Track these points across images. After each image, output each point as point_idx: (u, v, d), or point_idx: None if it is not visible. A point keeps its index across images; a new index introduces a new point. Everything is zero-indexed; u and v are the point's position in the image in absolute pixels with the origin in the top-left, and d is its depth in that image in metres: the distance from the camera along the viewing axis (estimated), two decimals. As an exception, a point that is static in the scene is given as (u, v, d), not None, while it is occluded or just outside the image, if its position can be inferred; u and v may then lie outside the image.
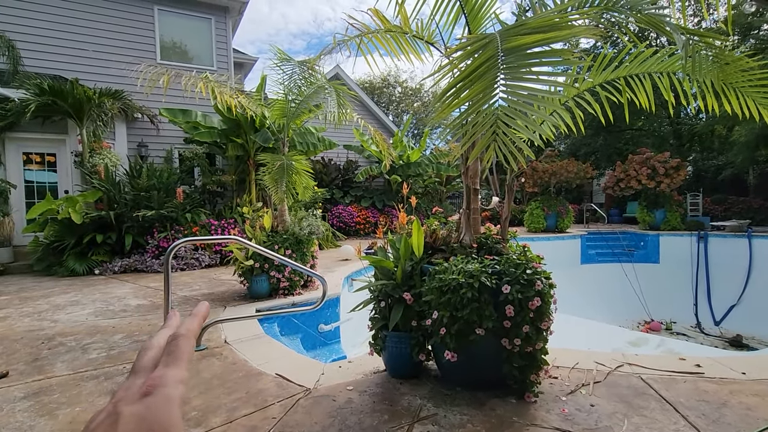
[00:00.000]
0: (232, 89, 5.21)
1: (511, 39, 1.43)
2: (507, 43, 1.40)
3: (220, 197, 9.80)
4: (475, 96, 1.45)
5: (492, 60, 1.40)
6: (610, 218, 14.81)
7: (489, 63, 1.40)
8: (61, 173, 8.91)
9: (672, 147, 15.23)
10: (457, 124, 1.53)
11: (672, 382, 2.52)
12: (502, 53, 1.38)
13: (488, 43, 1.45)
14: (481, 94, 1.43)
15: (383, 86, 32.24)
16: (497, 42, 1.41)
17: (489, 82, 1.40)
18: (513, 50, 1.41)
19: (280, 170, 4.83)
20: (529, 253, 2.48)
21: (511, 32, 1.47)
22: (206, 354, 3.12)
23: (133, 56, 9.56)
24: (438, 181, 14.51)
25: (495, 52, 1.39)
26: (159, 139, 10.09)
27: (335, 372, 2.78)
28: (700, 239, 10.50)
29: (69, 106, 7.84)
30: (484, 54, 1.42)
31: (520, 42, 1.41)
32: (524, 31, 1.44)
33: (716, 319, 9.77)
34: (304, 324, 4.56)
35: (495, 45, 1.41)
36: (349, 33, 3.21)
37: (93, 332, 3.70)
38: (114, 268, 7.02)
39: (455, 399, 2.32)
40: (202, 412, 2.22)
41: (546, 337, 2.32)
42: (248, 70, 14.20)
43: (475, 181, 2.67)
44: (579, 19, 1.92)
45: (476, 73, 1.43)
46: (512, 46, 1.40)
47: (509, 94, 1.42)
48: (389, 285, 2.62)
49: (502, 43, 1.40)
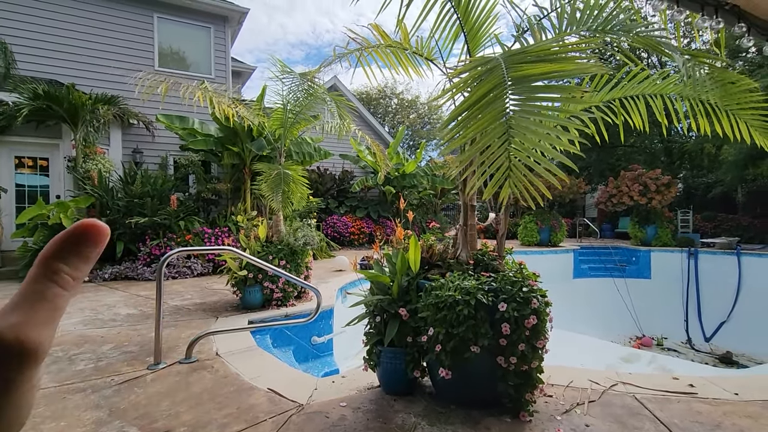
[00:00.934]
0: (230, 99, 5.22)
1: (516, 67, 1.44)
2: (513, 71, 1.42)
3: (214, 205, 9.74)
4: (483, 128, 1.45)
5: (499, 89, 1.41)
6: (602, 233, 14.94)
7: (496, 92, 1.41)
8: (53, 178, 8.81)
9: (663, 164, 15.47)
10: (466, 158, 1.53)
11: (666, 402, 2.52)
12: (509, 81, 1.40)
13: (493, 69, 1.46)
14: (490, 126, 1.43)
15: (380, 97, 32.51)
16: (503, 69, 1.42)
17: (497, 114, 1.41)
18: (520, 81, 1.42)
19: (277, 178, 4.82)
20: (525, 271, 2.49)
21: (516, 58, 1.49)
22: (197, 367, 3.07)
23: (131, 63, 9.56)
24: (433, 194, 14.57)
25: (501, 80, 1.40)
26: (154, 145, 10.05)
27: (328, 387, 2.75)
28: (690, 256, 10.62)
29: (64, 111, 7.79)
30: (490, 81, 1.43)
31: (527, 72, 1.42)
32: (529, 59, 1.46)
33: (706, 335, 9.83)
34: (296, 336, 4.51)
35: (501, 72, 1.42)
36: (349, 47, 3.24)
37: (81, 342, 3.63)
38: (104, 276, 6.92)
39: (449, 417, 2.30)
40: (192, 428, 2.17)
41: (541, 355, 2.31)
42: (246, 79, 14.26)
43: (472, 198, 2.69)
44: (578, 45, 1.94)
45: (484, 101, 1.44)
46: (519, 76, 1.41)
47: (519, 129, 1.42)
48: (385, 300, 2.60)
49: (508, 71, 1.41)
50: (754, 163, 12.00)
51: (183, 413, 2.34)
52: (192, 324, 4.20)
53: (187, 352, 3.23)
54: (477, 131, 1.46)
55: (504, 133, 1.40)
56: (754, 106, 2.29)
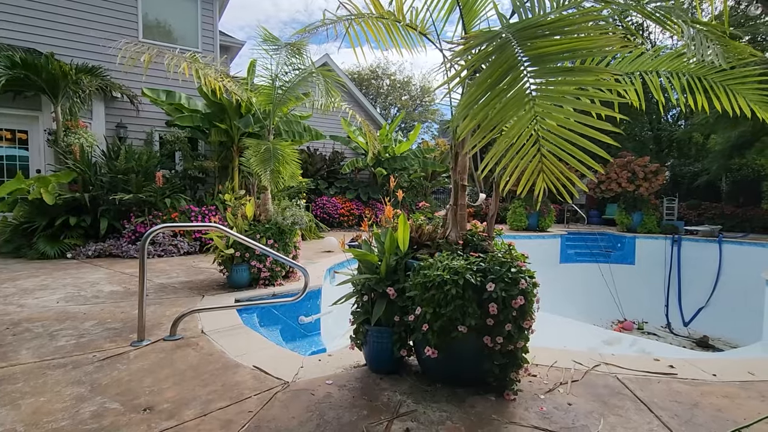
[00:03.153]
0: (218, 72, 5.05)
1: (531, 44, 1.33)
2: (528, 49, 1.32)
3: (201, 183, 9.56)
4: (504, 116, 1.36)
5: (515, 71, 1.31)
6: (589, 219, 15.12)
7: (513, 74, 1.31)
8: (33, 151, 8.53)
9: (652, 152, 15.60)
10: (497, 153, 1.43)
11: (647, 382, 2.57)
12: (526, 61, 1.30)
13: (503, 46, 1.36)
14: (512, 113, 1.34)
15: (372, 78, 32.00)
16: (514, 46, 1.33)
17: (518, 101, 1.31)
18: (538, 60, 1.31)
19: (266, 153, 4.70)
20: (514, 252, 2.48)
21: (527, 33, 1.39)
22: (181, 344, 3.03)
23: (113, 32, 9.19)
24: (424, 176, 14.52)
25: (515, 60, 1.31)
26: (139, 120, 9.75)
27: (315, 365, 2.74)
28: (674, 242, 10.82)
29: (43, 82, 7.49)
30: (502, 61, 1.33)
31: (545, 50, 1.32)
32: (541, 33, 1.38)
33: (685, 320, 10.12)
34: (284, 315, 4.49)
35: (513, 50, 1.32)
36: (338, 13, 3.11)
37: (62, 318, 3.56)
38: (87, 253, 6.78)
39: (435, 395, 2.32)
40: (176, 405, 2.15)
41: (528, 335, 2.33)
42: (235, 54, 13.84)
43: (463, 177, 2.65)
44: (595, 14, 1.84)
45: (499, 86, 1.35)
46: (536, 55, 1.31)
47: (548, 115, 1.33)
48: (373, 279, 2.58)
49: (522, 49, 1.32)
50: (739, 153, 12.18)
51: (166, 390, 2.31)
52: (177, 302, 4.15)
53: (172, 330, 3.19)
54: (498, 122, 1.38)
55: (531, 122, 1.32)
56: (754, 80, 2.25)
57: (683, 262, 10.66)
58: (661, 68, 2.46)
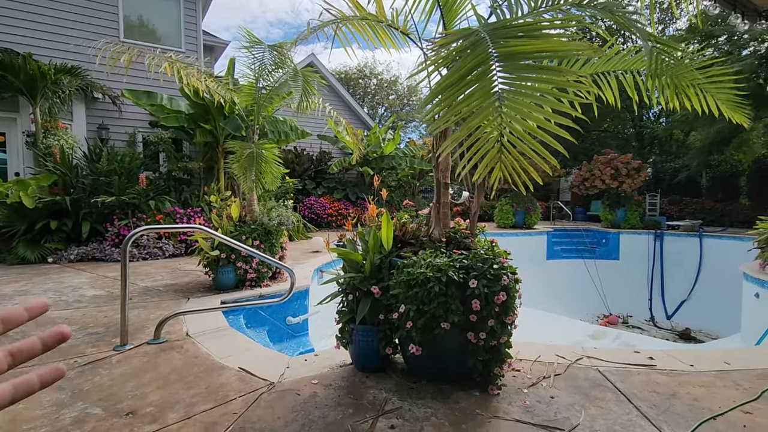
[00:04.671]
0: (200, 71, 5.00)
1: (503, 43, 1.38)
2: (500, 47, 1.36)
3: (186, 185, 9.44)
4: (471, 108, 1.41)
5: (485, 65, 1.36)
6: (575, 216, 15.34)
7: (483, 68, 1.36)
8: (11, 154, 8.33)
9: (634, 149, 15.91)
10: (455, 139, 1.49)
11: (627, 374, 2.63)
12: (497, 57, 1.34)
13: (477, 42, 1.41)
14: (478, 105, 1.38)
15: (359, 77, 31.95)
16: (488, 43, 1.37)
17: (485, 93, 1.36)
18: (509, 58, 1.37)
19: (249, 159, 4.68)
20: (496, 248, 2.51)
21: (500, 33, 1.44)
22: (166, 347, 3.00)
23: (94, 32, 9.01)
24: (412, 174, 14.56)
25: (487, 55, 1.35)
26: (121, 121, 9.59)
27: (301, 365, 2.74)
28: (656, 237, 11.05)
29: (21, 83, 7.31)
30: (476, 56, 1.37)
31: (516, 50, 1.36)
32: (514, 34, 1.42)
33: (668, 313, 10.35)
34: (271, 316, 4.47)
35: (486, 47, 1.37)
36: (323, 18, 3.12)
37: (43, 324, 3.49)
38: (70, 257, 6.65)
39: (420, 392, 2.34)
40: (159, 408, 2.13)
41: (510, 331, 2.36)
42: (219, 55, 13.69)
43: (446, 175, 2.67)
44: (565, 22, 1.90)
45: (469, 78, 1.39)
46: (507, 53, 1.36)
47: (511, 109, 1.38)
48: (357, 278, 2.59)
49: (494, 46, 1.36)
50: (718, 149, 12.48)
51: (149, 393, 2.29)
52: (162, 305, 4.10)
53: (156, 333, 3.16)
54: (463, 111, 1.42)
55: (495, 113, 1.36)
56: (719, 81, 2.33)
57: (666, 256, 10.90)
58: (637, 68, 2.53)
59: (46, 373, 0.41)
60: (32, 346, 0.41)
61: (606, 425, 2.03)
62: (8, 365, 0.40)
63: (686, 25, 14.68)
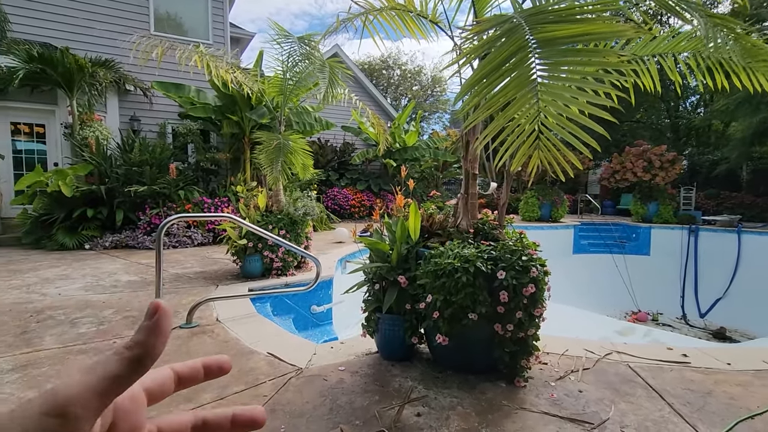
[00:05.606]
0: (228, 64, 5.08)
1: (540, 28, 1.34)
2: (537, 33, 1.32)
3: (213, 175, 9.67)
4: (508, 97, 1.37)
5: (523, 53, 1.32)
6: (603, 209, 14.90)
7: (520, 56, 1.32)
8: (50, 145, 8.72)
9: (669, 140, 15.23)
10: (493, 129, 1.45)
11: (659, 370, 2.56)
12: (534, 44, 1.30)
13: (514, 29, 1.37)
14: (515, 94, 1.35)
15: (383, 68, 31.76)
16: (525, 30, 1.33)
17: (522, 81, 1.33)
18: (547, 43, 1.33)
19: (276, 149, 4.74)
20: (525, 240, 2.47)
21: (537, 18, 1.39)
22: (197, 331, 3.11)
23: (126, 26, 9.28)
24: (435, 166, 14.44)
25: (525, 42, 1.32)
26: (152, 113, 9.88)
27: (327, 352, 2.79)
28: (690, 233, 10.62)
29: (59, 76, 7.62)
30: (512, 43, 1.33)
31: (554, 35, 1.32)
32: (551, 19, 1.37)
33: (702, 311, 9.96)
34: (296, 305, 4.56)
35: (523, 34, 1.33)
36: (352, 11, 3.11)
37: (83, 306, 3.67)
38: (105, 244, 6.95)
39: (446, 382, 2.34)
40: (193, 389, 2.20)
41: (538, 323, 2.33)
42: (245, 46, 13.87)
43: (474, 166, 2.64)
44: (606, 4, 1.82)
45: (506, 67, 1.35)
46: (545, 38, 1.32)
47: (549, 96, 1.35)
48: (384, 268, 2.60)
49: (531, 32, 1.32)
50: (761, 141, 11.82)
51: (184, 374, 2.38)
52: (193, 291, 4.24)
53: (188, 318, 3.27)
54: (499, 102, 1.39)
55: (533, 101, 1.33)
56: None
57: (700, 252, 10.46)
58: (678, 50, 2.40)
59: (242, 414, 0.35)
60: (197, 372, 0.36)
61: (637, 421, 1.99)
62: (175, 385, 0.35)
63: (728, 9, 13.88)
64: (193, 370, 0.36)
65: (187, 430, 0.34)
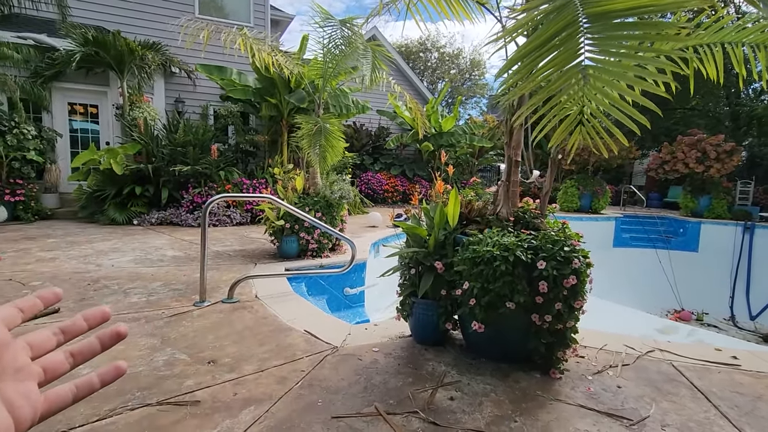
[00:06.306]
0: (270, 47, 5.14)
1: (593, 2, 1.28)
2: (589, 7, 1.26)
3: (252, 157, 9.93)
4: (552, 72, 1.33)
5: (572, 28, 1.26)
6: (649, 202, 14.17)
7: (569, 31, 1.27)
8: (102, 125, 9.22)
9: (727, 129, 14.16)
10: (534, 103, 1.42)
11: (705, 371, 2.45)
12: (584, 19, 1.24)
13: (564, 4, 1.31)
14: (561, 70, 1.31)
15: (420, 50, 31.17)
16: (576, 4, 1.27)
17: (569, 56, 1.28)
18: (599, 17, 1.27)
19: (317, 133, 4.79)
20: (568, 230, 2.40)
21: None
22: (238, 307, 3.25)
23: (172, 9, 9.57)
24: (471, 153, 14.16)
25: (574, 18, 1.25)
26: (195, 95, 10.21)
27: (361, 333, 2.85)
28: (746, 230, 9.93)
29: (111, 58, 7.99)
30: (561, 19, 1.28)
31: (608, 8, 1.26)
32: None
33: (752, 313, 9.38)
34: (330, 286, 4.66)
35: (574, 8, 1.27)
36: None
37: (134, 278, 3.92)
38: (151, 220, 7.34)
39: (479, 368, 2.34)
40: (236, 360, 2.33)
41: (578, 315, 2.27)
42: (284, 29, 13.98)
43: (517, 153, 2.57)
44: None
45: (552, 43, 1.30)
46: (597, 12, 1.26)
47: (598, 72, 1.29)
48: (421, 253, 2.61)
49: (583, 7, 1.26)
50: (833, 132, 10.78)
51: (227, 346, 2.50)
52: (233, 268, 4.42)
53: (229, 293, 3.42)
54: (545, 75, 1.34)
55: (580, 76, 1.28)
56: None
57: (755, 250, 9.79)
58: (746, 39, 2.20)
59: (106, 373, 0.42)
60: (92, 347, 0.42)
61: (680, 421, 1.92)
62: (70, 366, 0.41)
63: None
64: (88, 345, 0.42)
65: (51, 338, 0.40)
